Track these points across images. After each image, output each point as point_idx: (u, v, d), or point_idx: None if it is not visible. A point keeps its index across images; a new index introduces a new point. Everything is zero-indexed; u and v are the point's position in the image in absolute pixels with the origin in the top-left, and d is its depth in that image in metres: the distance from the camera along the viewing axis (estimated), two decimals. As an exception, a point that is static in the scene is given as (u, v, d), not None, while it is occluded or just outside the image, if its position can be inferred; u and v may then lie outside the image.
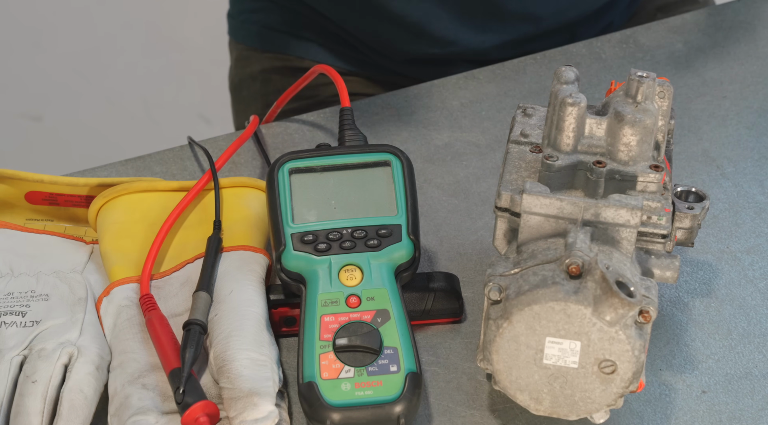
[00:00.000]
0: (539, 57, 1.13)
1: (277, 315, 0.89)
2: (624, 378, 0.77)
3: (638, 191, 0.81)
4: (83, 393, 0.81)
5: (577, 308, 0.75)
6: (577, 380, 0.78)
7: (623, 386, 0.77)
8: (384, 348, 0.82)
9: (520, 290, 0.77)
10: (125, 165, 1.03)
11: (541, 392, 0.79)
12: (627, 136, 0.81)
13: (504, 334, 0.77)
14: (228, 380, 0.80)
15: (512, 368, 0.78)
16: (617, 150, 0.81)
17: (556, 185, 0.81)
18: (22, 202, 0.95)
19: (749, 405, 0.85)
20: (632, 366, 0.77)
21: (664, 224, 0.81)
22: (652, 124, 0.81)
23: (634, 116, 0.80)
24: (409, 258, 0.87)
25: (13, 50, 2.46)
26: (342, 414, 0.79)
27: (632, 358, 0.76)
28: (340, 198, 0.89)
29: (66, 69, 2.43)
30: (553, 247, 0.79)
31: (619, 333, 0.75)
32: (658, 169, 0.81)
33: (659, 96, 0.83)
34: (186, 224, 0.93)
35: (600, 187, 0.81)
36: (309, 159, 0.91)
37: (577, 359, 0.77)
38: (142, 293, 0.87)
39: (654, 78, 0.81)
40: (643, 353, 0.77)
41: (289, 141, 1.05)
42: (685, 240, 0.87)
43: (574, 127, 0.82)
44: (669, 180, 0.83)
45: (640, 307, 0.76)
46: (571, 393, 0.78)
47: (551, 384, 0.78)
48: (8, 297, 0.88)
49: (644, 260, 0.82)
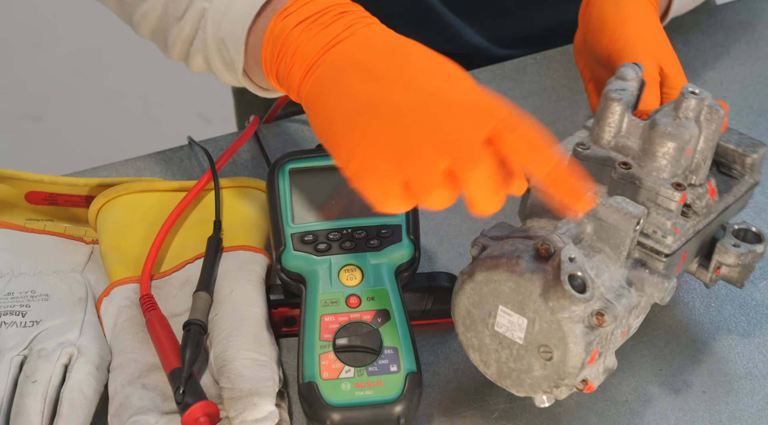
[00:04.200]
0: (539, 57, 1.13)
1: (277, 315, 0.89)
2: (560, 370, 0.77)
3: (657, 204, 0.80)
4: (83, 393, 0.81)
5: (527, 286, 0.76)
6: (520, 355, 0.79)
7: (558, 377, 0.77)
8: (384, 348, 0.82)
9: (491, 254, 0.78)
10: (125, 165, 1.03)
11: (490, 357, 0.81)
12: (655, 146, 0.80)
13: (465, 288, 0.80)
14: (228, 380, 0.80)
15: (469, 324, 0.81)
16: (645, 157, 0.81)
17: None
18: (22, 202, 0.95)
19: (749, 405, 0.85)
20: (571, 361, 0.76)
21: (668, 244, 0.80)
22: (684, 141, 0.79)
23: (665, 128, 0.80)
24: (409, 258, 0.87)
25: (13, 50, 2.46)
26: (342, 414, 0.79)
27: (571, 353, 0.76)
28: (340, 198, 0.89)
29: (66, 69, 2.43)
30: (548, 228, 0.80)
31: (561, 323, 0.76)
32: (680, 187, 0.80)
33: (705, 118, 0.81)
34: (186, 224, 0.93)
35: (620, 188, 0.81)
36: (309, 159, 0.91)
37: (523, 335, 0.78)
38: (142, 293, 0.87)
39: (705, 98, 0.80)
40: (589, 355, 0.77)
41: (289, 141, 1.05)
42: (733, 279, 0.86)
43: (612, 122, 0.82)
44: (704, 206, 0.82)
45: (592, 307, 0.76)
46: (514, 367, 0.80)
47: (498, 352, 0.80)
48: (8, 297, 0.88)
49: (639, 271, 0.81)
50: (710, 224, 0.84)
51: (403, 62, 0.74)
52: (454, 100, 0.72)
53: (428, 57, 0.75)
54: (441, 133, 0.70)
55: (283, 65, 0.79)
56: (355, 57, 0.75)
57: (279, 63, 0.79)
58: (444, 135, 0.70)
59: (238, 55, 0.83)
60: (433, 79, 0.73)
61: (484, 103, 0.72)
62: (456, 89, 0.72)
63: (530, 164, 0.71)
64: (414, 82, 0.72)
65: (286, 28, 0.79)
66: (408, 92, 0.72)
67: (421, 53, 0.75)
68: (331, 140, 0.74)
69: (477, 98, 0.72)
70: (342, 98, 0.74)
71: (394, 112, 0.72)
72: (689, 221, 0.81)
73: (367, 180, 0.72)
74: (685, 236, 0.81)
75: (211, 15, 0.84)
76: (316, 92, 0.76)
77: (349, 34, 0.77)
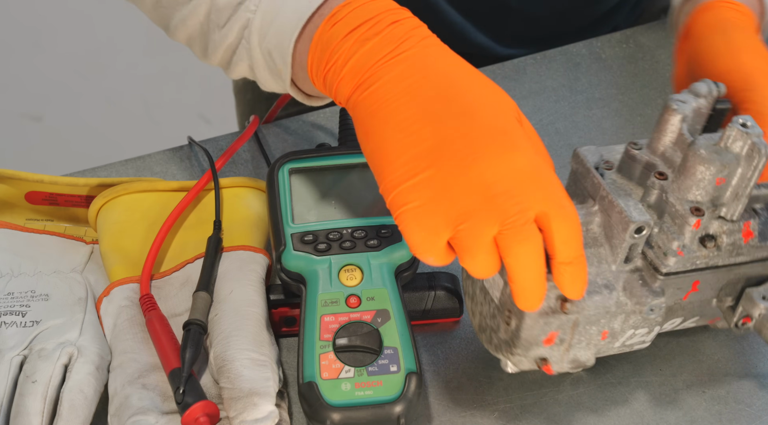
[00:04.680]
0: (539, 57, 1.13)
1: (277, 315, 0.89)
2: (515, 338, 0.78)
3: (675, 222, 0.79)
4: (83, 393, 0.81)
5: None
6: (493, 314, 0.80)
7: (512, 344, 0.78)
8: (384, 348, 0.82)
9: None
10: (125, 165, 1.03)
11: (476, 308, 0.82)
12: (687, 165, 0.78)
13: None
14: (228, 380, 0.80)
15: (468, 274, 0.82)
16: (679, 174, 0.79)
17: (630, 172, 0.82)
18: (22, 202, 0.95)
19: (749, 405, 0.85)
20: (523, 333, 0.77)
21: (667, 263, 0.79)
22: (715, 169, 0.77)
23: (699, 150, 0.78)
24: (409, 258, 0.87)
25: (13, 50, 2.46)
26: (342, 414, 0.79)
27: (525, 325, 0.77)
28: (340, 198, 0.89)
29: (66, 69, 2.43)
30: None
31: None
32: (698, 212, 0.78)
33: (747, 153, 0.77)
34: (186, 224, 0.93)
35: (652, 196, 0.80)
36: (309, 159, 0.91)
37: (498, 295, 0.79)
38: (142, 293, 0.87)
39: (752, 133, 0.77)
40: (544, 335, 0.77)
41: (289, 141, 1.05)
42: (763, 333, 0.83)
43: (664, 131, 0.82)
44: (731, 243, 0.80)
45: (558, 291, 0.76)
46: (488, 324, 0.81)
47: (482, 306, 0.81)
48: (8, 297, 0.88)
49: (634, 279, 0.80)
50: (740, 265, 0.81)
51: (462, 107, 0.73)
52: (516, 165, 0.72)
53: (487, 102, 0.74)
54: (501, 200, 0.71)
55: (331, 75, 0.78)
56: (411, 87, 0.74)
57: (327, 72, 0.78)
58: (503, 202, 0.71)
59: (285, 67, 0.82)
60: (496, 137, 0.72)
61: (543, 177, 0.72)
62: (518, 152, 0.72)
63: (565, 250, 0.73)
64: (476, 137, 0.72)
65: (335, 37, 0.77)
66: (472, 147, 0.72)
67: (480, 95, 0.75)
68: (380, 167, 0.74)
69: (537, 168, 0.72)
70: (398, 132, 0.73)
71: (457, 166, 0.72)
72: (704, 251, 0.79)
73: (416, 227, 0.72)
74: (692, 263, 0.79)
75: (257, 26, 0.83)
76: (368, 115, 0.75)
77: (403, 50, 0.76)
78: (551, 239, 0.72)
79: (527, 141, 0.73)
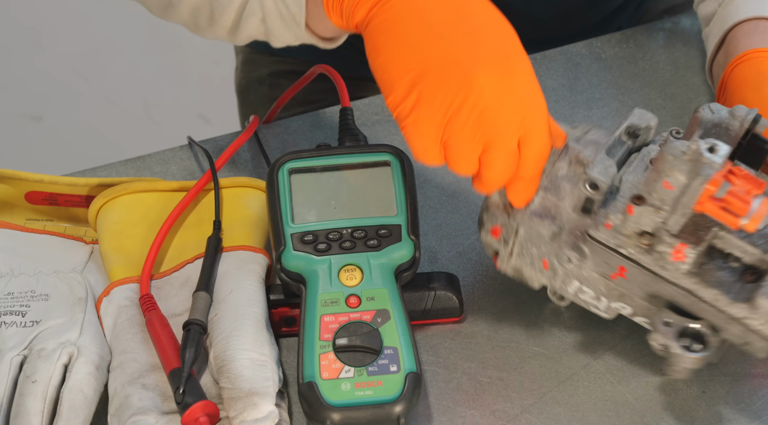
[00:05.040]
0: (539, 57, 1.13)
1: (277, 315, 0.89)
2: (481, 213, 0.87)
3: (619, 201, 0.82)
4: (83, 393, 0.81)
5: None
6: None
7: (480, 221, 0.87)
8: (384, 348, 0.82)
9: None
10: (125, 165, 1.03)
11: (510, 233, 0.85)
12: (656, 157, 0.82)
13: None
14: (228, 380, 0.80)
15: None
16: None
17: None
18: (22, 202, 0.95)
19: (749, 405, 0.85)
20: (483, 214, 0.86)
21: (596, 228, 0.82)
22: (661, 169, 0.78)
23: (663, 146, 0.79)
24: (409, 258, 0.87)
25: (13, 50, 2.46)
26: (342, 414, 0.79)
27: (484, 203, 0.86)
28: (340, 198, 0.89)
29: (66, 69, 2.43)
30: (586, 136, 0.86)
31: None
32: (638, 200, 0.80)
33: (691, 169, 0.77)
34: (186, 224, 0.93)
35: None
36: (309, 159, 0.91)
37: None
38: (142, 293, 0.87)
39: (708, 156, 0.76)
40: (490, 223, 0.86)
41: (289, 141, 1.05)
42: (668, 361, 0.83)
43: (688, 128, 0.84)
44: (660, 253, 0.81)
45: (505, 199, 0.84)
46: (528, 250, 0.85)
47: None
48: (8, 297, 0.88)
49: (576, 229, 0.83)
50: (665, 281, 0.81)
51: (470, 28, 0.79)
52: (513, 89, 0.78)
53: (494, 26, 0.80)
54: (490, 122, 0.78)
55: (348, 0, 0.82)
56: (422, 6, 0.79)
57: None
58: (491, 125, 0.78)
59: (300, 9, 0.85)
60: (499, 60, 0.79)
61: (535, 104, 0.80)
62: (517, 77, 0.79)
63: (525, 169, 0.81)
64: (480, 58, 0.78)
65: None
66: (475, 67, 0.78)
67: (488, 19, 0.80)
68: (387, 81, 0.80)
69: (532, 95, 0.79)
70: (407, 48, 0.79)
71: (459, 84, 0.78)
72: (632, 241, 0.81)
73: (416, 136, 0.79)
74: (617, 244, 0.81)
75: None
76: (379, 32, 0.80)
77: None
78: (522, 158, 0.80)
79: (528, 68, 0.80)
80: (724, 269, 0.82)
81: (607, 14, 1.25)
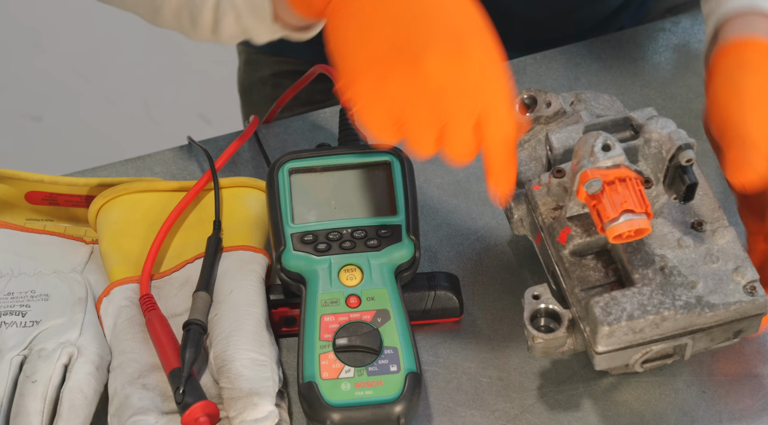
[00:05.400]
0: (539, 57, 1.13)
1: (277, 315, 0.89)
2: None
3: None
4: (83, 393, 0.81)
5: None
6: None
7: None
8: (384, 348, 0.82)
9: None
10: (125, 165, 1.03)
11: None
12: None
13: None
14: (228, 380, 0.80)
15: None
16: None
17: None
18: (22, 202, 0.95)
19: (749, 405, 0.85)
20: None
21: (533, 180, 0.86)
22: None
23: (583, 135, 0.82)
24: (409, 258, 0.87)
25: (13, 50, 2.46)
26: (342, 414, 0.79)
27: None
28: (340, 198, 0.89)
29: (66, 69, 2.43)
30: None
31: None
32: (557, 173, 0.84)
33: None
34: (186, 224, 0.93)
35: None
36: (309, 159, 0.91)
37: None
38: (142, 293, 0.87)
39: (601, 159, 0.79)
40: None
41: (289, 141, 1.05)
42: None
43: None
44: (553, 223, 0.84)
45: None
46: None
47: None
48: (8, 297, 0.88)
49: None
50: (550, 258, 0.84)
51: (422, 9, 0.78)
52: (465, 70, 0.77)
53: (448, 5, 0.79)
54: (443, 104, 0.77)
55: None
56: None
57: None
58: (445, 106, 0.77)
59: (266, 1, 0.84)
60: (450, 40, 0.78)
61: (489, 83, 0.78)
62: (469, 57, 0.77)
63: (493, 155, 0.80)
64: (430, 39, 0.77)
65: None
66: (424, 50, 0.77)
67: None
68: (339, 64, 0.79)
69: (485, 74, 0.78)
70: (358, 30, 0.78)
71: (408, 68, 0.77)
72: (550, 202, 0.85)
73: (369, 122, 0.78)
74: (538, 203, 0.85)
75: None
76: (334, 13, 0.79)
77: None
78: (484, 143, 0.79)
79: (485, 48, 0.78)
80: (599, 271, 0.83)
81: (608, 14, 1.25)
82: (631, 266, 0.81)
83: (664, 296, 0.79)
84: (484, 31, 0.79)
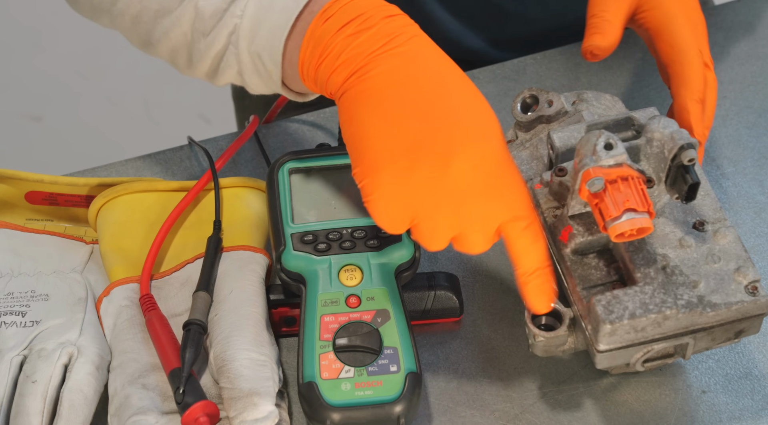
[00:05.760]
0: (539, 57, 1.13)
1: (277, 315, 0.89)
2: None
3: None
4: (83, 393, 0.81)
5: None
6: None
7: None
8: (384, 348, 0.82)
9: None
10: (125, 165, 1.03)
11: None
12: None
13: None
14: (228, 380, 0.80)
15: None
16: None
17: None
18: (22, 202, 0.95)
19: (749, 405, 0.85)
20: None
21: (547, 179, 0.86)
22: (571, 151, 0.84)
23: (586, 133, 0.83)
24: (409, 258, 0.87)
25: (13, 50, 2.46)
26: (342, 414, 0.79)
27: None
28: (340, 198, 0.89)
29: (66, 69, 2.43)
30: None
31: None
32: (559, 172, 0.84)
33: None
34: (186, 224, 0.93)
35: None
36: (309, 159, 0.91)
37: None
38: (142, 293, 0.87)
39: (602, 158, 0.79)
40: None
41: (289, 141, 1.05)
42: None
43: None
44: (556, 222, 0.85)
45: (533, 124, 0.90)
46: None
47: None
48: (8, 297, 0.88)
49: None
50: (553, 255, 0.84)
51: (448, 108, 0.77)
52: (488, 173, 0.77)
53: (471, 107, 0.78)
54: (466, 207, 0.77)
55: (324, 67, 0.79)
56: (400, 81, 0.77)
57: (320, 65, 0.79)
58: (467, 210, 0.77)
59: (276, 67, 0.82)
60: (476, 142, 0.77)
61: (511, 188, 0.78)
62: (493, 161, 0.77)
63: (526, 261, 0.79)
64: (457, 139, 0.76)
65: (329, 32, 0.79)
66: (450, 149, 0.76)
67: (466, 99, 0.78)
68: (357, 152, 0.78)
69: (506, 179, 0.78)
70: (381, 122, 0.77)
71: (433, 164, 0.76)
72: (548, 205, 0.85)
73: (382, 214, 0.78)
74: (541, 200, 0.85)
75: (245, 30, 0.83)
76: (355, 102, 0.78)
77: (395, 45, 0.78)
78: (512, 249, 0.79)
79: (504, 150, 0.78)
80: (600, 270, 0.83)
81: None
82: (632, 265, 0.81)
83: (666, 295, 0.79)
84: (501, 132, 0.79)
